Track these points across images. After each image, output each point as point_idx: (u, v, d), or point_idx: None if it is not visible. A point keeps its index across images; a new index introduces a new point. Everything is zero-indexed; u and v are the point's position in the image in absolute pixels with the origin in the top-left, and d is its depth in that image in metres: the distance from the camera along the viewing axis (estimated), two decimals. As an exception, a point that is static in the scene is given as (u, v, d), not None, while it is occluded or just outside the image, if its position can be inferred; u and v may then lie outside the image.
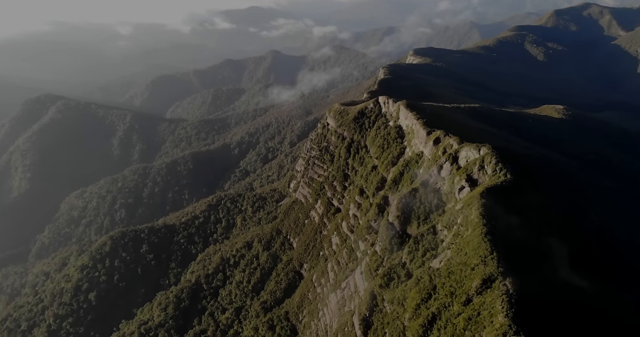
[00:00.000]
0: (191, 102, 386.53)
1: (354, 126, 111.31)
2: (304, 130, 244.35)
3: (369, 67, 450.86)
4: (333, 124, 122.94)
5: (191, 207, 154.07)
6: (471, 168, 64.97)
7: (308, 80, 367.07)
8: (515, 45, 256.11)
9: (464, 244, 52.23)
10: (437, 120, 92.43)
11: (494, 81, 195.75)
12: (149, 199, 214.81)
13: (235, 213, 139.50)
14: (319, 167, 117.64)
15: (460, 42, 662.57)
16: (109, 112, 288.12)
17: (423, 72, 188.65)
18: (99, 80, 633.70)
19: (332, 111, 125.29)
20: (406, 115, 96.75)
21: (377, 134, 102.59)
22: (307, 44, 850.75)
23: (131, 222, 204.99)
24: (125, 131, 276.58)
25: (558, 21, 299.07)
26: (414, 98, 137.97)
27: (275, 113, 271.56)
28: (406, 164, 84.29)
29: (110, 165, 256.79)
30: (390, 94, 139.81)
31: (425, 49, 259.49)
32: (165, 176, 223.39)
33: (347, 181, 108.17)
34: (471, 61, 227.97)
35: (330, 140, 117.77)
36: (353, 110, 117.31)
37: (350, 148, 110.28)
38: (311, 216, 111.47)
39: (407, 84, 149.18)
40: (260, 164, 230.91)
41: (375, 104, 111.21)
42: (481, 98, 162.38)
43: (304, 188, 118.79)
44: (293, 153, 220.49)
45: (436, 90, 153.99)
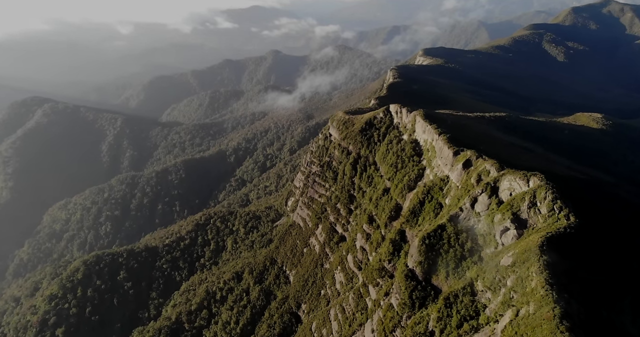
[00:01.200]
0: (188, 104, 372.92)
1: (360, 139, 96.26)
2: (304, 136, 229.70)
3: (373, 67, 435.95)
4: (336, 136, 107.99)
5: (177, 226, 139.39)
6: (518, 204, 49.76)
7: (310, 82, 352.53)
8: (532, 45, 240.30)
9: (528, 329, 36.85)
10: (462, 135, 77.58)
11: (513, 84, 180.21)
12: (136, 212, 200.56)
13: (226, 234, 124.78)
14: (320, 186, 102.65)
15: (467, 42, 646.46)
16: (99, 115, 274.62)
17: (435, 74, 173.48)
18: (96, 80, 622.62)
19: (336, 121, 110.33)
20: (424, 128, 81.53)
21: (389, 149, 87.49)
22: (309, 44, 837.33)
23: (117, 238, 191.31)
24: (115, 136, 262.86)
25: (576, 19, 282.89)
26: (428, 105, 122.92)
27: (275, 117, 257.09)
28: (427, 191, 69.09)
29: (99, 173, 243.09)
30: (401, 100, 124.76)
31: (436, 48, 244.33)
32: (155, 186, 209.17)
33: (353, 203, 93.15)
34: (486, 62, 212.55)
35: (333, 154, 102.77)
36: (360, 120, 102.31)
37: (357, 165, 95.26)
38: (311, 244, 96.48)
39: (420, 88, 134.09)
40: (258, 172, 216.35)
41: (385, 114, 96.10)
42: (502, 104, 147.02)
43: (302, 209, 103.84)
44: (293, 161, 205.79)
45: (452, 96, 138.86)
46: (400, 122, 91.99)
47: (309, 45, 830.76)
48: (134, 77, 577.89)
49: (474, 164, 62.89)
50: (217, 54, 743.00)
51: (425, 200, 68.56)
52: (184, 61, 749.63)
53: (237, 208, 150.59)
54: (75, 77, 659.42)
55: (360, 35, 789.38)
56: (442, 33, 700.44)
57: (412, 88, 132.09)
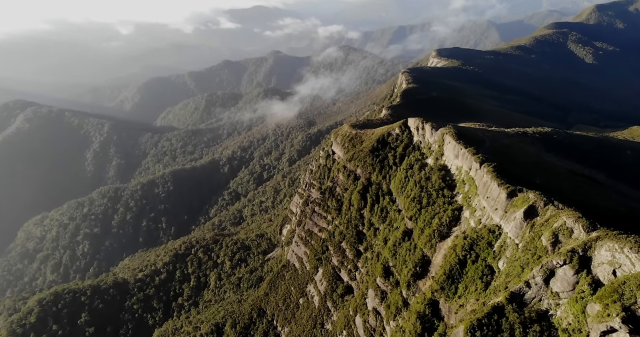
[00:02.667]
0: (183, 107, 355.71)
1: (371, 161, 77.39)
2: (305, 145, 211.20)
3: (379, 69, 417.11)
4: (341, 155, 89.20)
5: (153, 255, 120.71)
6: (633, 294, 31.16)
7: (312, 85, 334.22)
8: (556, 45, 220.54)
9: None
10: (508, 161, 59.29)
11: (541, 89, 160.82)
12: (118, 229, 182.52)
13: (209, 268, 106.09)
14: (321, 217, 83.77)
15: (477, 42, 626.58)
16: (85, 120, 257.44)
17: (453, 78, 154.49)
18: (94, 81, 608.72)
19: (340, 136, 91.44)
20: (457, 151, 62.42)
21: (409, 177, 68.68)
22: (312, 44, 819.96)
23: (95, 259, 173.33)
24: (101, 143, 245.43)
25: (601, 18, 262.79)
26: (452, 116, 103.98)
27: (273, 123, 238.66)
28: (470, 245, 50.43)
29: (82, 183, 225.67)
30: (418, 110, 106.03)
31: (450, 49, 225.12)
32: (140, 200, 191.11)
33: (362, 243, 74.26)
34: (507, 64, 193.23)
35: (337, 178, 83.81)
36: (370, 136, 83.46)
37: (367, 194, 76.44)
38: (309, 293, 77.59)
39: (439, 95, 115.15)
40: (253, 185, 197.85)
41: (402, 130, 77.16)
42: (534, 113, 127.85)
43: (299, 246, 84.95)
44: (292, 174, 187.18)
45: (477, 104, 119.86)
46: (423, 141, 72.98)
47: (312, 46, 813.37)
48: (132, 79, 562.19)
49: (542, 213, 44.19)
50: (218, 54, 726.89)
51: (467, 258, 49.77)
52: (184, 62, 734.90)
53: (226, 232, 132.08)
54: (72, 78, 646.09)
55: (365, 35, 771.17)
56: (451, 33, 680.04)
57: (431, 95, 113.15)
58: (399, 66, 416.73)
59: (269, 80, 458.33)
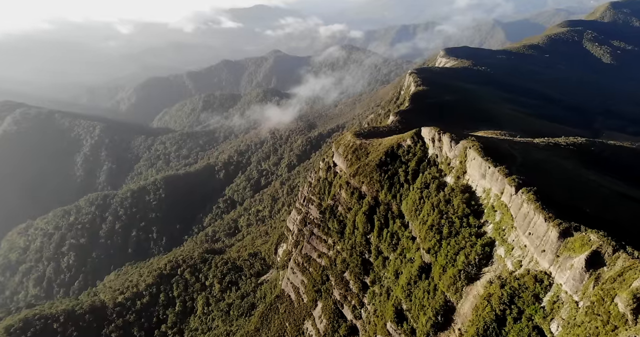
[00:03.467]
0: (180, 109, 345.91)
1: (379, 178, 66.92)
2: (305, 150, 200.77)
3: (383, 69, 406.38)
4: (343, 168, 78.78)
5: (136, 274, 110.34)
6: None
7: (313, 85, 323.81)
8: (571, 44, 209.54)
9: None
10: (546, 182, 48.85)
11: (558, 91, 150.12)
12: (106, 239, 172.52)
13: (196, 291, 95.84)
14: (321, 241, 73.33)
15: (482, 41, 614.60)
16: (75, 122, 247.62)
17: (464, 79, 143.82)
18: (91, 81, 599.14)
19: (342, 147, 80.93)
20: (484, 169, 52.06)
21: (425, 198, 58.36)
22: (314, 44, 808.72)
23: (80, 272, 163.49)
24: (92, 147, 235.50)
25: (617, 16, 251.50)
26: (469, 123, 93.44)
27: (272, 126, 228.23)
28: (509, 297, 40.10)
29: (71, 189, 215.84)
30: (430, 116, 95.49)
31: (459, 48, 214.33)
32: (130, 208, 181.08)
33: (369, 275, 63.76)
34: (520, 64, 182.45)
35: (339, 196, 73.28)
36: (376, 148, 72.92)
37: (374, 215, 66.02)
38: (306, 331, 67.11)
39: (452, 99, 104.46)
40: (250, 192, 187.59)
41: (415, 141, 66.63)
42: (555, 118, 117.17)
43: (295, 273, 74.52)
44: (291, 181, 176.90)
45: (494, 108, 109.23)
46: (440, 156, 62.39)
47: (313, 45, 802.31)
48: (130, 79, 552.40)
49: (609, 261, 34.15)
50: (219, 54, 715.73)
51: (507, 315, 39.33)
52: (184, 62, 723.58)
53: (217, 247, 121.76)
54: (70, 78, 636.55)
55: (368, 34, 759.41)
56: (455, 32, 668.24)
57: (443, 99, 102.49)
58: (403, 66, 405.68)
59: (268, 80, 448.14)
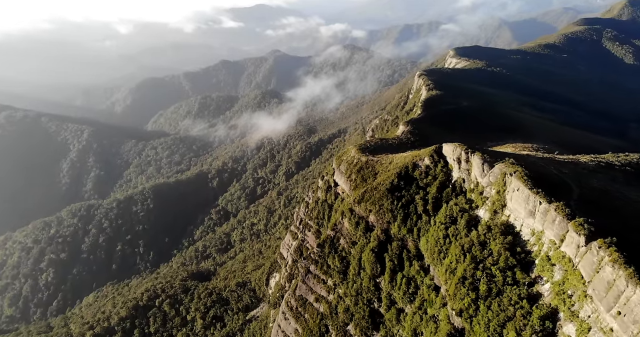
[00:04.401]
0: (175, 111, 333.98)
1: (390, 206, 54.23)
2: (304, 156, 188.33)
3: (386, 70, 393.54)
4: (346, 190, 66.37)
5: (109, 305, 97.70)
6: None
7: (313, 87, 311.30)
8: (589, 43, 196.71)
9: None
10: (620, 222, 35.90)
11: (580, 94, 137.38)
12: (89, 254, 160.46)
13: (175, 326, 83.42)
14: (319, 281, 60.73)
15: (488, 41, 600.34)
16: (63, 126, 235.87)
17: (478, 81, 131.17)
18: (88, 82, 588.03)
19: (345, 163, 68.37)
20: (533, 205, 39.62)
21: (452, 237, 45.86)
22: (315, 44, 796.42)
23: (59, 290, 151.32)
24: (79, 152, 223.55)
25: (635, 13, 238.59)
26: (492, 133, 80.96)
27: (270, 131, 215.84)
28: None
29: (56, 198, 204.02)
30: (447, 125, 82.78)
31: (469, 48, 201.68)
32: (115, 220, 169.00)
33: (379, 331, 51.12)
34: (536, 64, 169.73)
35: (341, 226, 60.57)
36: (386, 166, 60.32)
37: (385, 254, 53.36)
38: (299, 397, 54.56)
39: (470, 105, 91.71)
40: (245, 202, 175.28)
41: (435, 160, 53.92)
42: (583, 125, 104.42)
43: (288, 320, 62.01)
44: (288, 191, 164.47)
45: (517, 116, 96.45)
46: (468, 180, 49.66)
47: (315, 45, 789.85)
48: (127, 79, 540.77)
49: None
50: (218, 54, 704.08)
51: None
52: (184, 62, 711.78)
53: (203, 269, 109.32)
54: (65, 78, 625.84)
55: (370, 34, 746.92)
56: (460, 32, 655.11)
57: (460, 105, 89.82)
58: (407, 66, 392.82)
59: (268, 81, 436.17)
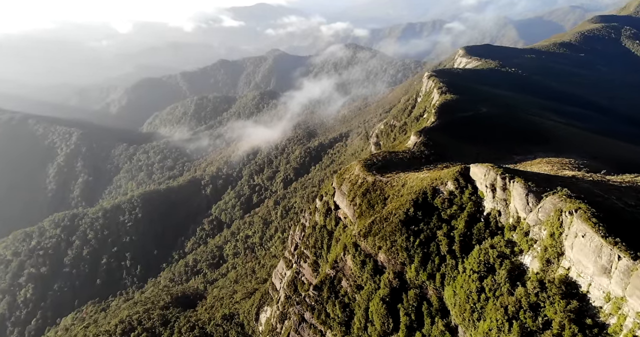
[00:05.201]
0: (170, 112, 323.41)
1: (405, 242, 43.31)
2: (303, 162, 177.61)
3: (390, 69, 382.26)
4: (349, 215, 55.62)
5: (81, 334, 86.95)
6: None
7: (313, 88, 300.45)
8: (607, 42, 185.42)
9: None
10: None
11: (604, 97, 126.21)
12: (72, 268, 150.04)
13: (153, 367, 72.28)
14: (316, 332, 49.84)
15: (493, 40, 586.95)
16: (50, 129, 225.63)
17: (494, 83, 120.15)
18: (84, 82, 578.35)
19: (348, 183, 57.48)
20: (609, 259, 27.51)
21: (490, 294, 34.63)
22: (316, 43, 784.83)
23: (39, 307, 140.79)
24: (67, 156, 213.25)
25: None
26: (518, 145, 70.05)
27: (267, 135, 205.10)
28: None
29: (41, 205, 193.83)
30: (466, 135, 71.86)
31: (480, 46, 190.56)
32: (101, 230, 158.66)
33: None
34: (552, 65, 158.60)
35: (344, 264, 49.58)
36: (398, 190, 49.42)
37: (399, 304, 42.40)
38: None
39: (490, 111, 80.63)
40: (240, 212, 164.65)
41: (460, 186, 42.87)
42: (615, 133, 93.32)
43: (277, 376, 51.07)
44: (286, 200, 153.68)
45: (542, 123, 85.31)
46: (505, 213, 38.71)
47: (316, 44, 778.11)
48: (125, 79, 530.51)
49: None
50: (218, 54, 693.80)
51: None
52: (182, 61, 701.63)
53: (190, 295, 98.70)
54: (62, 79, 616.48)
55: (373, 33, 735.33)
56: (464, 31, 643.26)
57: (479, 111, 78.78)
58: (411, 66, 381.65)
59: (267, 81, 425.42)
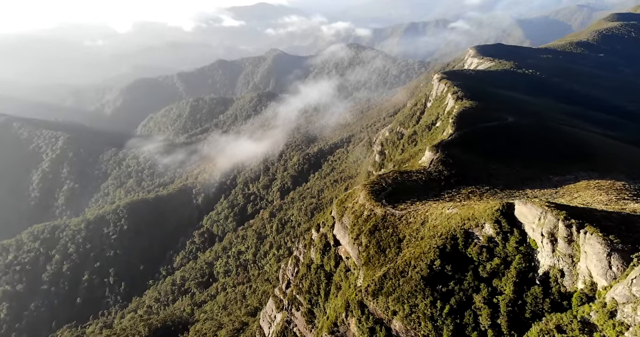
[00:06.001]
0: (165, 114, 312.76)
1: (429, 308, 31.82)
2: (302, 169, 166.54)
3: (392, 70, 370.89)
4: (353, 256, 44.47)
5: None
6: None
7: (314, 89, 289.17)
8: (628, 41, 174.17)
9: None
10: None
11: (632, 101, 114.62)
12: (50, 285, 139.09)
13: None
14: None
15: (498, 39, 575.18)
16: (36, 133, 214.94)
17: (511, 86, 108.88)
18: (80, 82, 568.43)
19: (350, 215, 46.11)
20: None
21: None
22: (317, 43, 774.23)
23: (13, 329, 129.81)
24: (52, 162, 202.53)
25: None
26: (555, 161, 58.85)
27: (264, 139, 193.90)
28: None
29: (23, 214, 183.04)
30: (490, 150, 60.75)
31: (491, 46, 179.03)
32: (83, 243, 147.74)
33: None
34: (571, 65, 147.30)
35: (346, 331, 38.17)
36: (416, 229, 38.24)
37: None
38: None
39: (517, 121, 69.05)
40: (233, 224, 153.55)
41: (502, 231, 31.02)
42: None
43: None
44: (283, 212, 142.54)
45: (574, 133, 73.96)
46: (571, 275, 26.79)
47: (317, 44, 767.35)
48: (120, 80, 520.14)
49: None
50: (218, 54, 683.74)
51: None
52: (181, 62, 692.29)
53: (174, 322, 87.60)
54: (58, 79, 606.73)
55: (374, 33, 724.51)
56: (469, 30, 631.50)
57: (505, 121, 67.37)
58: (415, 66, 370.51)
59: (266, 82, 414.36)
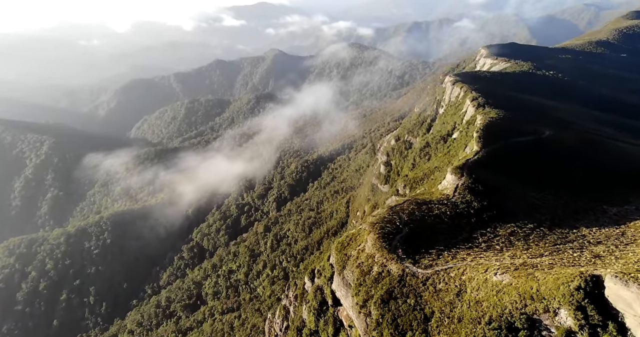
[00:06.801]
0: (160, 116, 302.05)
1: None
2: (300, 178, 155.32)
3: (396, 71, 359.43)
4: (358, 327, 33.43)
5: None
6: None
7: (313, 91, 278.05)
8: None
9: None
10: None
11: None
12: (25, 305, 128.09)
13: None
14: None
15: (504, 39, 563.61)
16: (20, 137, 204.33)
17: (533, 90, 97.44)
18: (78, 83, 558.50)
19: (354, 266, 34.56)
20: None
21: None
22: (318, 43, 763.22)
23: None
24: (36, 168, 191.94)
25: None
26: (608, 188, 47.72)
27: (261, 145, 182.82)
28: None
29: (3, 224, 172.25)
30: (526, 172, 48.95)
31: (504, 45, 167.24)
32: (62, 259, 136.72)
33: None
34: (591, 65, 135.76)
35: None
36: (451, 301, 27.14)
37: None
38: None
39: (555, 135, 57.67)
40: (225, 238, 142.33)
41: (587, 320, 19.34)
42: None
43: None
44: (279, 225, 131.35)
45: (617, 147, 62.64)
46: None
47: (318, 44, 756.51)
48: (116, 80, 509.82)
49: None
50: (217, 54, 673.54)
51: None
52: (180, 62, 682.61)
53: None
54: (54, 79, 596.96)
55: (377, 32, 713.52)
56: (473, 30, 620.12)
57: (542, 135, 55.99)
58: (419, 67, 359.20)
59: (265, 83, 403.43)
